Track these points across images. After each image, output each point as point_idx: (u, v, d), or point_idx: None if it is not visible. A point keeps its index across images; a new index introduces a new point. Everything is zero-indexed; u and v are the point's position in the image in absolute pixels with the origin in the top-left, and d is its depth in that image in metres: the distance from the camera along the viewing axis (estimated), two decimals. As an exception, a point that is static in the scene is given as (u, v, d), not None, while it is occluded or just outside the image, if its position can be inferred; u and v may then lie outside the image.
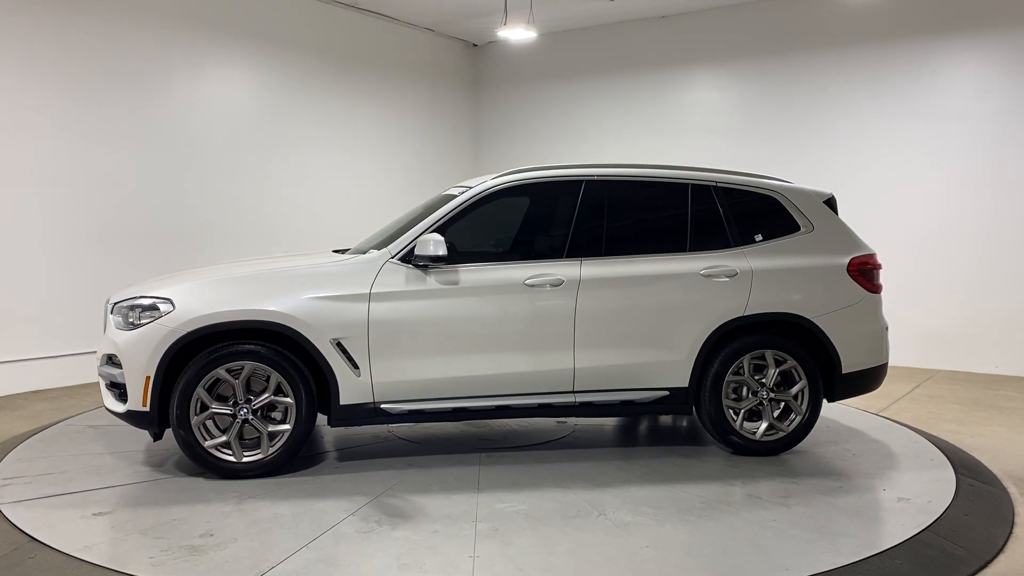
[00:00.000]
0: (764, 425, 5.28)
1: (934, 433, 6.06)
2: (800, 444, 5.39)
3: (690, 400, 5.24)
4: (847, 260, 5.37)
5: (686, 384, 5.20)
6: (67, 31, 7.67)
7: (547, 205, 5.51)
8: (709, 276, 5.22)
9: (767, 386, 5.28)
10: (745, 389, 5.28)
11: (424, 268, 5.00)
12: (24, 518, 4.21)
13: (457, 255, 5.07)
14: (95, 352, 7.20)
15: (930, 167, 8.95)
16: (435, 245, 4.88)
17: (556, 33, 11.28)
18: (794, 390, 5.29)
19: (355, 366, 4.90)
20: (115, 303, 5.07)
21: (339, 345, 4.88)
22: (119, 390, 4.94)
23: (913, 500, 4.55)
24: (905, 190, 9.07)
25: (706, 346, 5.18)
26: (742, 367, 5.25)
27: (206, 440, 4.81)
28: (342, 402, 4.91)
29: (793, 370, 5.28)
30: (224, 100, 9.07)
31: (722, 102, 10.34)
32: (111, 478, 4.89)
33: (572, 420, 6.22)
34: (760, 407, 5.32)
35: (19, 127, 7.41)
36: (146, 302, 4.90)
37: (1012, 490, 4.85)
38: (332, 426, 5.06)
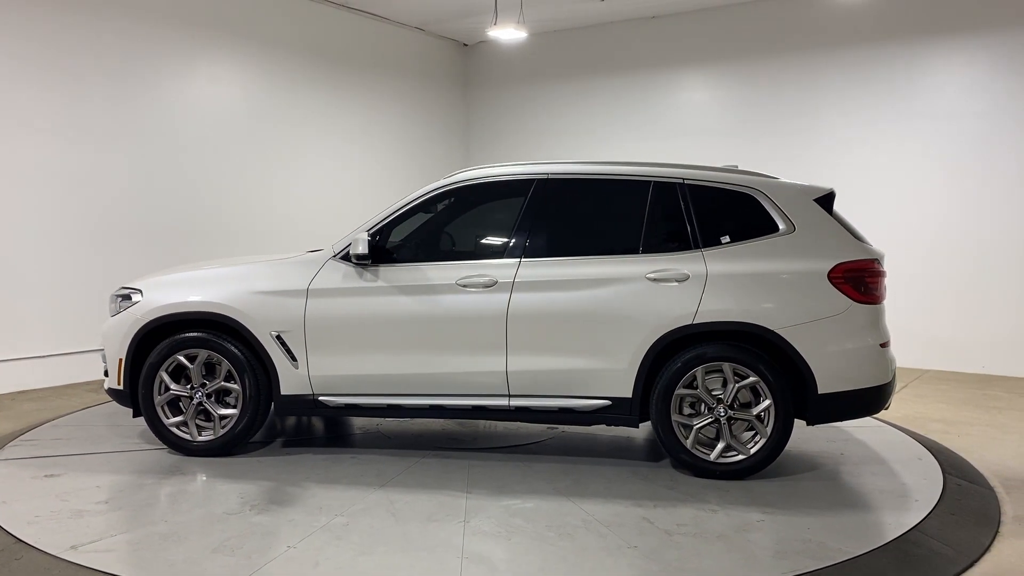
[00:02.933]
0: (720, 445, 4.78)
1: (922, 433, 6.08)
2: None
3: (635, 412, 4.85)
4: (829, 265, 4.73)
5: (629, 395, 4.83)
6: (56, 29, 7.62)
7: (497, 205, 5.45)
8: (656, 280, 4.82)
9: (725, 402, 4.77)
10: (702, 405, 4.82)
11: (363, 266, 5.12)
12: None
13: (402, 254, 5.21)
14: (82, 352, 7.33)
15: (919, 167, 9.01)
16: (359, 244, 5.02)
17: (546, 33, 11.28)
18: (757, 409, 4.74)
19: (293, 359, 5.15)
20: (113, 292, 5.63)
21: (279, 338, 5.15)
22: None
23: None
24: (894, 190, 9.12)
25: (650, 355, 4.78)
26: (696, 380, 4.79)
27: (168, 419, 5.27)
28: (283, 392, 5.19)
29: (757, 387, 4.74)
30: (214, 99, 9.04)
31: (712, 102, 10.37)
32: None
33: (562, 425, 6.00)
34: (717, 425, 4.81)
35: (7, 124, 7.34)
36: (124, 292, 5.49)
37: (999, 489, 4.88)
38: (277, 414, 5.42)
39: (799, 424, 4.93)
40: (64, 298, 7.72)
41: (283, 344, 5.14)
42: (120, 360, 5.29)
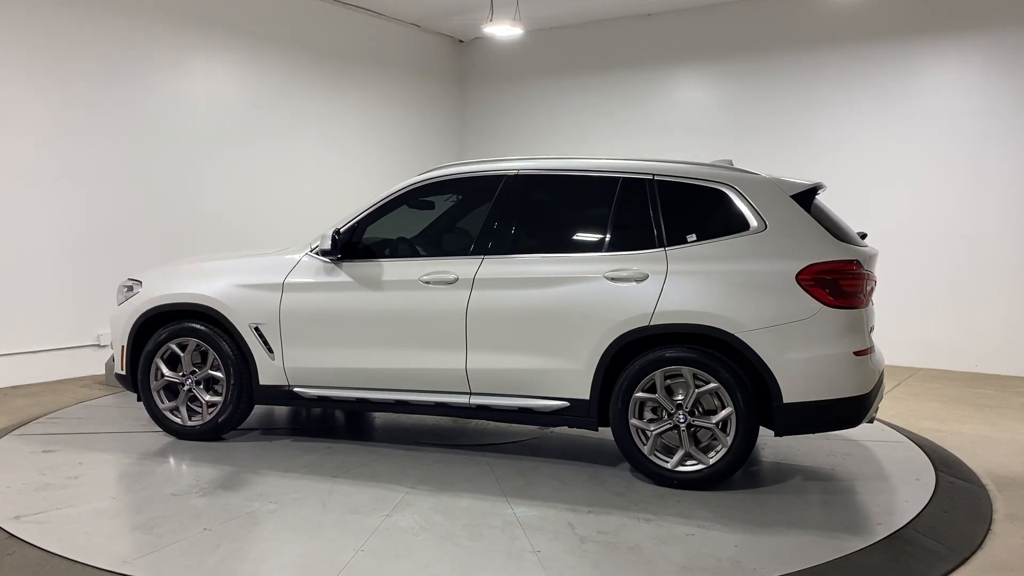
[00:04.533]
0: (680, 453, 4.58)
1: (914, 431, 6.09)
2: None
3: (593, 415, 4.70)
4: (799, 266, 4.42)
5: (587, 396, 4.69)
6: (49, 25, 7.61)
7: (466, 201, 5.43)
8: (614, 279, 4.65)
9: (684, 409, 4.55)
10: (663, 410, 4.63)
11: (337, 262, 5.21)
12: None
13: (371, 250, 5.27)
14: (73, 347, 7.35)
15: (912, 167, 9.02)
16: (325, 241, 5.16)
17: (542, 30, 11.26)
18: (716, 418, 4.49)
19: (270, 350, 5.32)
20: (120, 283, 5.95)
21: (256, 330, 5.33)
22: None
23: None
24: (887, 189, 9.13)
25: (607, 357, 4.62)
26: (655, 384, 4.59)
27: (163, 404, 5.55)
28: (261, 382, 5.37)
29: (718, 393, 4.50)
30: (209, 96, 9.04)
31: (708, 100, 10.37)
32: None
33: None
34: (676, 432, 4.59)
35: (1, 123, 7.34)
36: (128, 283, 5.81)
37: (991, 487, 4.88)
38: (257, 403, 5.51)
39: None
40: (55, 294, 7.75)
41: (261, 336, 5.32)
42: (123, 347, 5.61)
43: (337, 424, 6.26)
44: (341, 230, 5.21)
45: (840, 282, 4.44)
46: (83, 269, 7.90)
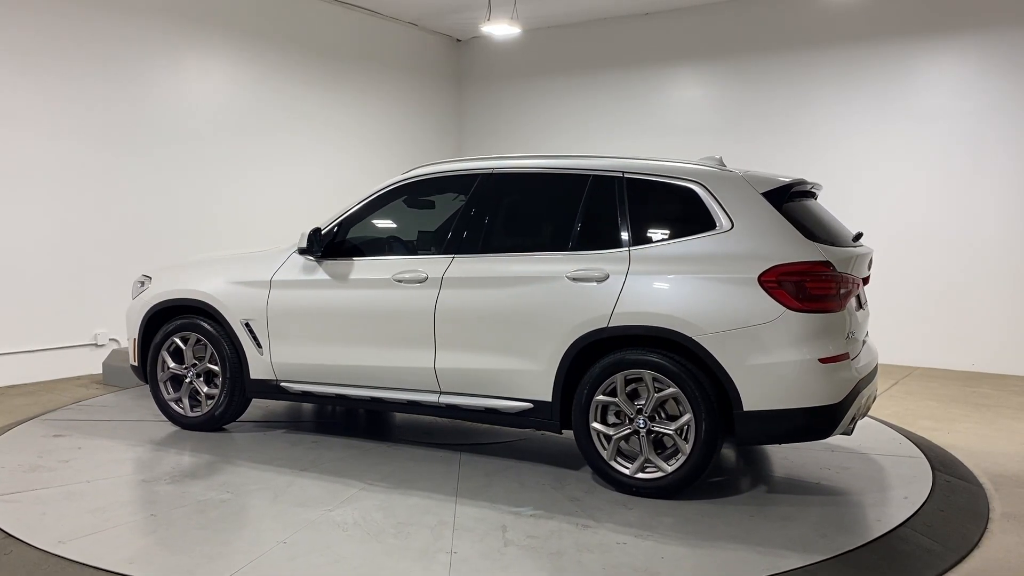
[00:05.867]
0: (640, 460, 4.41)
1: (911, 430, 6.09)
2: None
3: (555, 417, 4.60)
4: (763, 267, 4.18)
5: (549, 398, 4.59)
6: (48, 24, 7.63)
7: (444, 200, 5.42)
8: (576, 279, 4.53)
9: (644, 413, 4.39)
10: (625, 415, 4.47)
11: (318, 260, 5.30)
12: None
13: (351, 249, 5.32)
14: (69, 347, 7.36)
15: (909, 166, 9.02)
16: (300, 239, 5.27)
17: (540, 29, 11.26)
18: (676, 424, 4.32)
19: (259, 345, 5.45)
20: (136, 278, 6.21)
21: (247, 325, 5.47)
22: None
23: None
24: (884, 188, 9.14)
25: (567, 358, 4.50)
26: (616, 387, 4.45)
27: (168, 395, 5.77)
28: (252, 376, 5.50)
29: (677, 399, 4.33)
30: (206, 95, 9.05)
31: (705, 100, 10.37)
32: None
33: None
34: (637, 437, 4.42)
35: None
36: (141, 278, 6.07)
37: (987, 486, 4.88)
38: (248, 396, 5.63)
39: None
40: (51, 293, 7.74)
41: (251, 331, 5.46)
42: (134, 340, 5.90)
43: (357, 421, 6.25)
44: (323, 229, 5.30)
45: (807, 284, 4.16)
46: (80, 268, 7.91)
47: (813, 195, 4.95)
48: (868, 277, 4.92)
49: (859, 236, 4.95)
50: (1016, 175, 8.50)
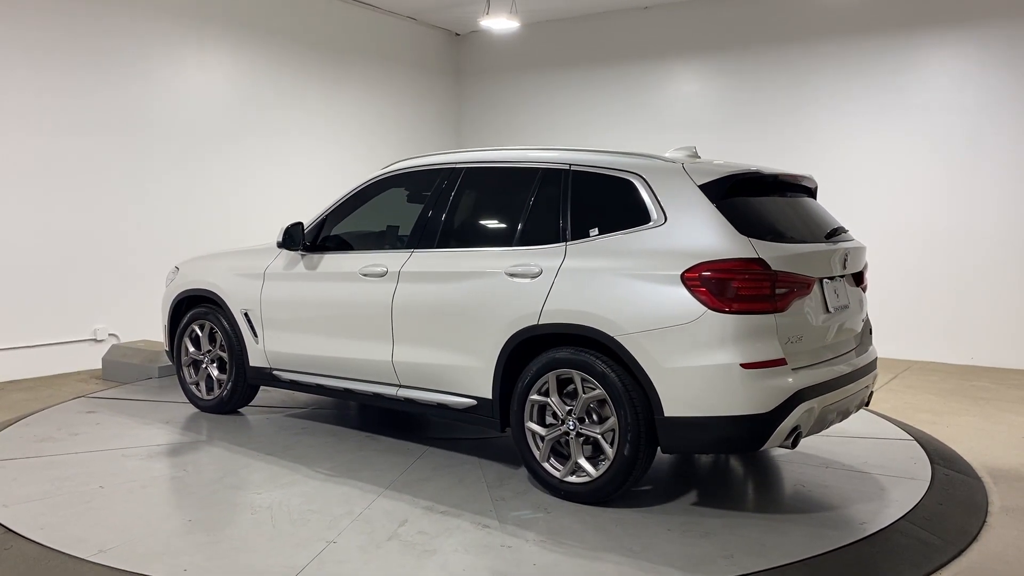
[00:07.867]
0: (570, 463, 4.22)
1: (910, 423, 6.08)
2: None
3: (495, 415, 4.48)
4: (687, 264, 3.90)
5: (490, 396, 4.50)
6: (47, 23, 7.66)
7: (416, 195, 5.42)
8: (512, 276, 4.43)
9: (574, 415, 4.20)
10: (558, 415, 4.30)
11: (302, 254, 5.48)
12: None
13: (331, 243, 5.48)
14: (70, 342, 7.37)
15: (909, 160, 8.99)
16: (279, 233, 5.51)
17: (539, 23, 11.23)
18: (601, 428, 4.12)
19: (255, 334, 5.70)
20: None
21: (245, 315, 5.74)
22: None
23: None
24: (884, 183, 9.11)
25: (504, 355, 4.39)
26: (548, 387, 4.30)
27: (189, 378, 6.13)
28: (250, 364, 5.76)
29: (605, 401, 4.11)
30: (205, 90, 9.05)
31: (704, 94, 10.34)
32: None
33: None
34: (568, 439, 4.23)
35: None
36: (173, 269, 6.42)
37: (987, 479, 4.85)
38: (249, 383, 5.87)
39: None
40: (51, 289, 7.75)
41: (248, 320, 5.72)
42: (165, 326, 6.32)
43: (369, 413, 6.23)
44: (306, 225, 5.46)
45: (733, 283, 3.84)
46: (80, 264, 7.91)
47: (785, 185, 4.63)
48: (862, 275, 4.74)
49: (835, 232, 4.58)
50: (1015, 169, 8.47)
